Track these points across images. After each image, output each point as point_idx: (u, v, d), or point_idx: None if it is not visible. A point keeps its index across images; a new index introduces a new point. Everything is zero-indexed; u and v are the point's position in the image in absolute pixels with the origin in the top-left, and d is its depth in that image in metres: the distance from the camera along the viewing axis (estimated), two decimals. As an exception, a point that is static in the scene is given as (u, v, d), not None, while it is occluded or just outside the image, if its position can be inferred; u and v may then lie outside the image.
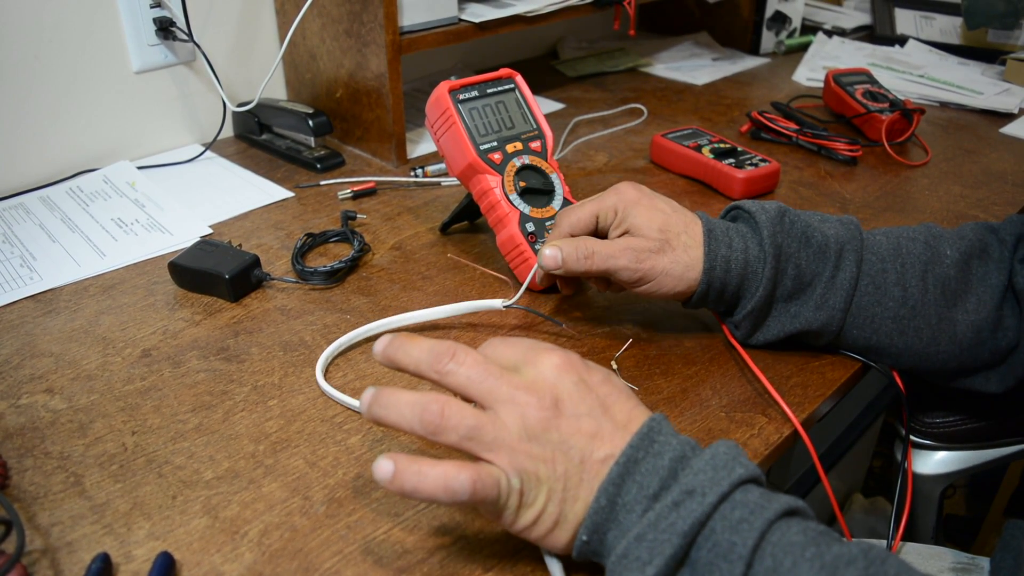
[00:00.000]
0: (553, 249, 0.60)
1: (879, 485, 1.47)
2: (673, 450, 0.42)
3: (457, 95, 0.72)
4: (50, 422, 0.57)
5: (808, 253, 0.60)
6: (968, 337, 0.59)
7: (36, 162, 0.92)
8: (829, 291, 0.59)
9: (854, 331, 0.60)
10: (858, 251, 0.60)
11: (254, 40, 1.06)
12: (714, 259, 0.59)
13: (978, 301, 0.59)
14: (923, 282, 0.59)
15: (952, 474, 0.78)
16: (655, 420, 0.44)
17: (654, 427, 0.43)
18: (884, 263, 0.60)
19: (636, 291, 0.61)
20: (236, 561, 0.46)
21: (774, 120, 1.06)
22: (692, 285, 0.60)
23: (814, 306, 0.60)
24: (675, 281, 0.59)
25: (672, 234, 0.60)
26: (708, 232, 0.60)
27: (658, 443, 0.43)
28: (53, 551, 0.47)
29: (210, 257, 0.72)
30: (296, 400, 0.59)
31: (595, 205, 0.62)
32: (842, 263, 0.59)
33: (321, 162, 0.97)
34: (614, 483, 0.42)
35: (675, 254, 0.59)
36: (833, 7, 1.69)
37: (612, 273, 0.60)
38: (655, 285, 0.60)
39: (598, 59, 1.41)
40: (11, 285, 0.73)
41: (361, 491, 0.51)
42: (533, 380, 0.44)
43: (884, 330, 0.60)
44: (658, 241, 0.59)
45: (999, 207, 0.90)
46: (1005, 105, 1.18)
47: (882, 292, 0.59)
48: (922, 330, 0.59)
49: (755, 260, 0.59)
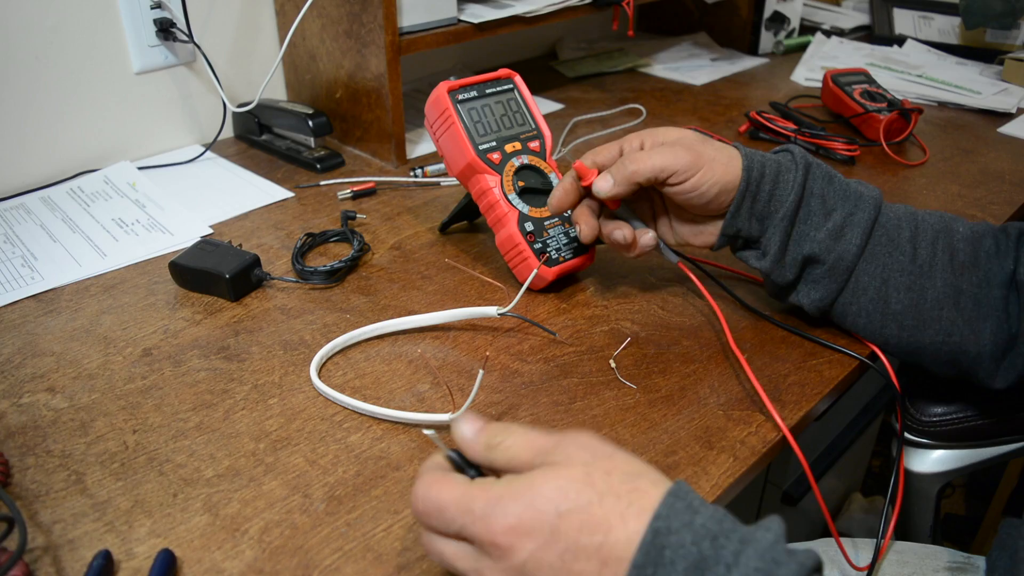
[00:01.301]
0: (601, 184, 0.62)
1: (878, 484, 1.47)
2: (687, 555, 0.35)
3: (456, 95, 0.72)
4: (52, 421, 0.57)
5: (831, 190, 0.62)
6: (970, 309, 0.59)
7: (37, 162, 0.93)
8: (848, 225, 0.61)
9: (865, 277, 0.61)
10: (877, 201, 0.62)
11: (254, 41, 1.06)
12: (751, 157, 0.62)
13: (984, 276, 0.60)
14: (933, 247, 0.61)
15: (949, 472, 0.78)
16: (660, 519, 0.36)
17: (660, 528, 0.36)
18: (899, 221, 0.62)
19: (685, 195, 0.62)
20: (237, 558, 0.47)
21: (772, 120, 1.06)
22: (736, 177, 0.61)
23: (833, 234, 0.61)
24: (723, 168, 0.61)
25: (704, 137, 0.63)
26: (738, 145, 0.64)
27: (669, 549, 0.35)
28: (55, 549, 0.47)
29: (211, 257, 0.72)
30: (296, 399, 0.60)
31: (617, 142, 0.65)
32: (860, 205, 0.61)
33: (321, 162, 0.97)
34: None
35: (715, 145, 0.63)
36: (831, 7, 1.69)
37: (664, 170, 0.61)
38: (707, 172, 0.61)
39: (597, 59, 1.41)
40: (12, 285, 0.74)
41: (361, 489, 0.52)
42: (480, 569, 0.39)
43: (894, 282, 0.61)
44: (696, 138, 0.62)
45: (997, 206, 0.90)
46: (1003, 105, 1.18)
47: (894, 246, 0.61)
48: (927, 291, 0.60)
49: (787, 167, 0.62)
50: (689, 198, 0.62)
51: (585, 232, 0.66)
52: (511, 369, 0.63)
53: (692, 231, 0.67)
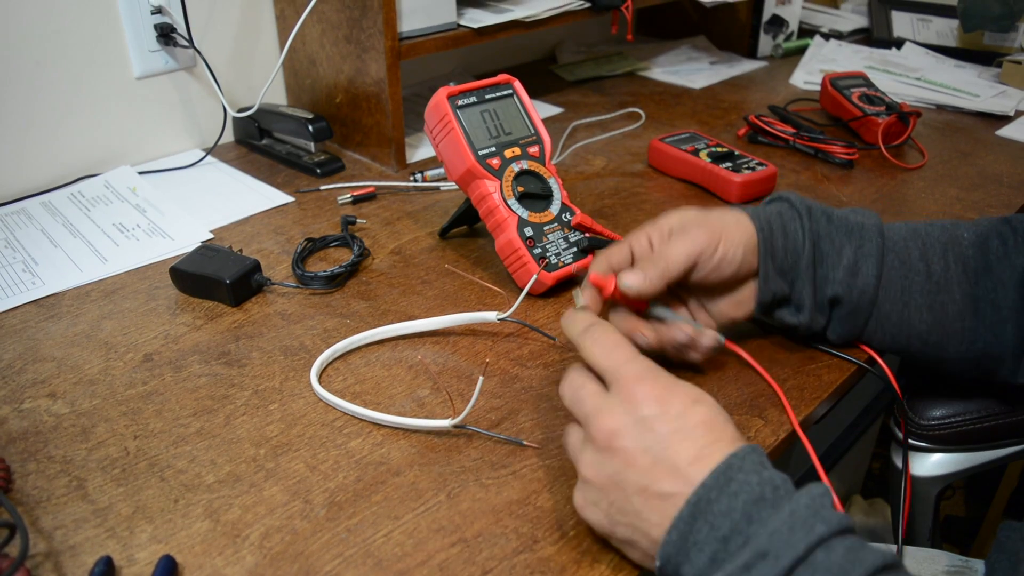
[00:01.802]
0: (630, 278, 0.58)
1: (878, 487, 1.47)
2: (750, 491, 0.41)
3: (456, 101, 0.73)
4: (53, 426, 0.58)
5: (834, 228, 0.61)
6: (990, 315, 0.60)
7: (38, 167, 0.93)
8: (860, 258, 0.60)
9: (886, 305, 0.61)
10: (878, 228, 0.61)
11: (254, 46, 1.07)
12: (755, 213, 0.61)
13: (997, 280, 0.60)
14: (944, 260, 0.61)
15: (948, 476, 0.78)
16: (736, 456, 0.42)
17: (734, 464, 0.42)
18: (906, 241, 0.61)
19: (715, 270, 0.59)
20: (237, 564, 0.47)
21: (771, 124, 1.06)
22: (751, 233, 0.60)
23: (850, 271, 0.60)
24: (737, 229, 0.59)
25: (701, 209, 0.62)
26: (734, 206, 0.63)
27: (736, 481, 0.41)
28: (56, 554, 0.48)
29: (211, 262, 0.72)
30: (297, 404, 0.60)
31: (624, 242, 0.62)
32: (865, 236, 0.61)
33: (321, 167, 0.97)
34: (685, 521, 0.41)
35: (718, 212, 0.61)
36: (830, 10, 1.69)
37: (691, 255, 0.58)
38: (727, 239, 0.59)
39: (596, 63, 1.41)
40: (13, 290, 0.74)
41: (361, 494, 0.52)
42: (602, 409, 0.46)
43: (915, 303, 0.60)
44: (696, 213, 0.61)
45: (995, 209, 0.90)
46: (1001, 107, 1.18)
47: (908, 267, 0.61)
48: (947, 305, 0.60)
49: (789, 216, 0.61)
50: (720, 271, 0.59)
51: (652, 337, 0.59)
52: (511, 374, 0.63)
53: (729, 304, 0.63)
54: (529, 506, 0.51)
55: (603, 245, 0.75)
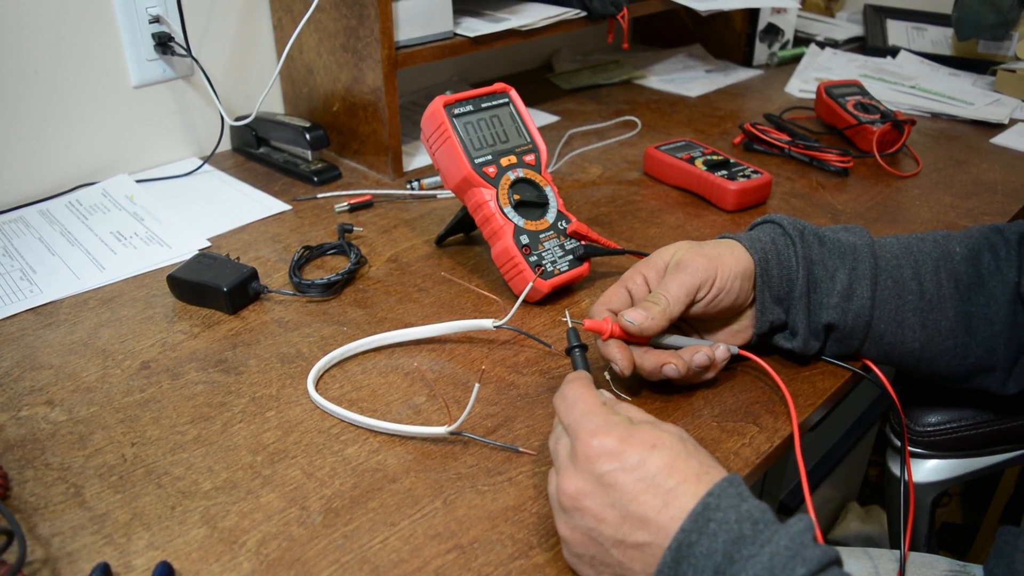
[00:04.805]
0: (633, 314, 0.58)
1: (875, 494, 1.47)
2: (729, 530, 0.41)
3: (452, 109, 0.73)
4: (50, 434, 0.58)
5: (826, 251, 0.61)
6: (983, 330, 0.60)
7: (36, 176, 0.93)
8: (854, 281, 0.60)
9: (880, 325, 0.61)
10: (871, 247, 0.61)
11: (252, 55, 1.07)
12: (749, 241, 0.61)
13: (990, 295, 0.60)
14: (937, 277, 0.61)
15: (945, 482, 0.78)
16: (712, 495, 0.42)
17: (711, 503, 0.42)
18: (898, 259, 0.62)
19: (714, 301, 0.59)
20: (234, 570, 0.47)
21: (766, 132, 1.07)
22: (746, 261, 0.60)
23: (844, 295, 0.60)
24: (733, 259, 0.59)
25: (694, 242, 0.62)
26: (725, 235, 0.63)
27: (714, 521, 0.41)
28: (54, 561, 0.48)
29: (208, 270, 0.72)
30: (293, 411, 0.60)
31: (619, 284, 0.62)
32: (858, 257, 0.61)
33: (318, 175, 0.98)
34: (669, 566, 0.41)
35: (710, 243, 0.61)
36: (825, 19, 1.70)
37: (691, 289, 0.58)
38: (723, 270, 0.59)
39: (592, 72, 1.42)
40: (11, 298, 0.74)
41: (358, 501, 0.52)
42: (565, 470, 0.46)
43: (908, 323, 0.61)
44: (689, 246, 0.61)
45: (989, 217, 0.91)
46: (995, 116, 1.19)
47: (900, 286, 0.61)
48: (940, 323, 0.61)
49: (783, 243, 0.61)
50: (718, 302, 0.60)
51: (682, 366, 0.59)
52: (507, 381, 0.63)
53: (727, 334, 0.63)
54: (525, 513, 0.51)
55: (599, 253, 0.75)
